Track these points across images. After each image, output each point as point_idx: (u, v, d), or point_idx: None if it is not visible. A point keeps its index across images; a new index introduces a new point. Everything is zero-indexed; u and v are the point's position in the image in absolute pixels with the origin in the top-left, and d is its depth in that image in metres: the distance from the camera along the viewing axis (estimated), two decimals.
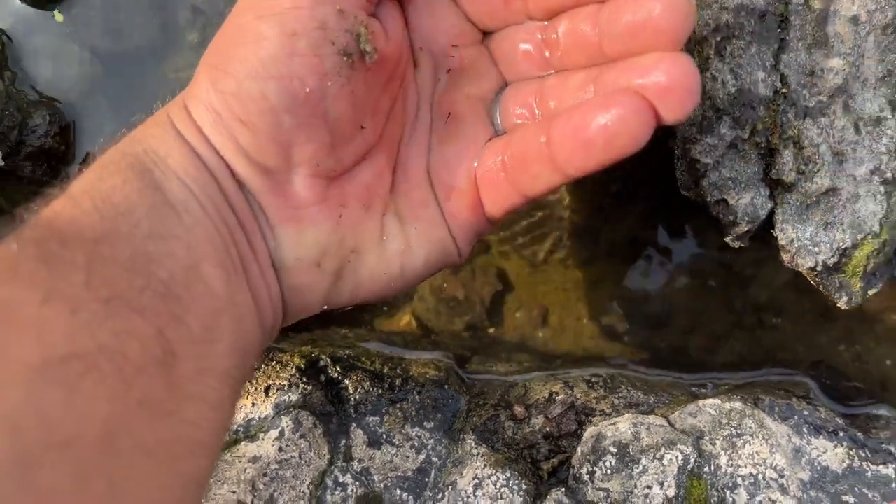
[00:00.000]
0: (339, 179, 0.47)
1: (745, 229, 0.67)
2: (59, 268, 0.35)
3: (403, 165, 0.51)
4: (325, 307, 0.49)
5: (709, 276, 0.90)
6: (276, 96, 0.41)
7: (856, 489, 0.73)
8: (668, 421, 0.72)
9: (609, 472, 0.67)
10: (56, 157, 0.78)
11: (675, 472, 0.67)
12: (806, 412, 0.75)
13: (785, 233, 0.67)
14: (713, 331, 0.91)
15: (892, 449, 0.77)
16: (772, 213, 0.67)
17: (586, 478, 0.68)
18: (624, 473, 0.67)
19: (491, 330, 0.92)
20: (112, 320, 0.35)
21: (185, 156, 0.43)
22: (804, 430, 0.74)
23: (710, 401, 0.73)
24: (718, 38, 0.61)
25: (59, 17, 0.86)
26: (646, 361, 0.88)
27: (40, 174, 0.74)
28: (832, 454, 0.73)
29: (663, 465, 0.67)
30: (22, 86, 0.81)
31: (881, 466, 0.74)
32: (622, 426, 0.70)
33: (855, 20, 0.65)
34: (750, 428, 0.71)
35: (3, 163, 0.69)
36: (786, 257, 0.68)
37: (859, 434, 0.76)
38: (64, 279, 0.35)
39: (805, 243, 0.67)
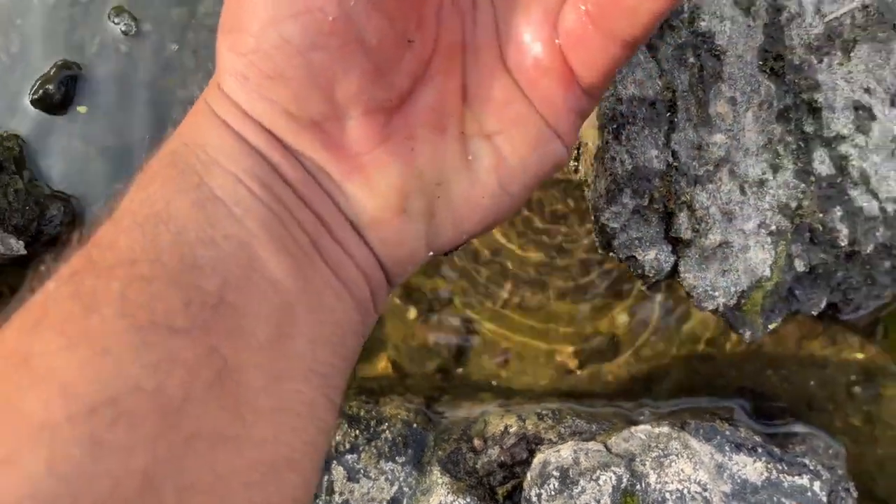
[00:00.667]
0: (399, 109, 0.40)
1: (654, 280, 0.79)
2: (92, 303, 0.32)
3: (473, 66, 0.42)
4: (434, 253, 0.43)
5: (649, 313, 1.02)
6: (298, 36, 0.35)
7: (774, 498, 0.84)
8: (606, 446, 0.83)
9: (553, 493, 0.79)
10: (70, 242, 0.91)
11: (610, 492, 0.78)
12: (728, 432, 0.86)
13: (688, 281, 0.79)
14: (655, 363, 1.02)
15: (807, 461, 0.88)
16: (676, 265, 0.80)
17: (535, 500, 0.79)
18: (565, 494, 0.78)
19: (459, 370, 1.03)
20: (148, 351, 0.32)
21: (225, 137, 0.38)
22: (726, 448, 0.85)
23: (642, 426, 0.84)
24: (615, 126, 0.73)
25: (82, 109, 0.99)
26: (592, 393, 0.99)
27: (57, 258, 0.86)
28: (752, 468, 0.84)
29: (599, 485, 0.78)
30: (38, 181, 0.93)
31: (797, 477, 0.86)
32: (564, 452, 0.81)
33: (733, 101, 0.77)
34: (676, 449, 0.82)
35: (24, 251, 0.81)
36: (692, 301, 0.80)
37: (777, 449, 0.87)
38: (95, 314, 0.32)
39: (706, 289, 0.79)
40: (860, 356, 1.02)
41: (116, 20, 1.02)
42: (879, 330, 1.00)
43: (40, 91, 0.97)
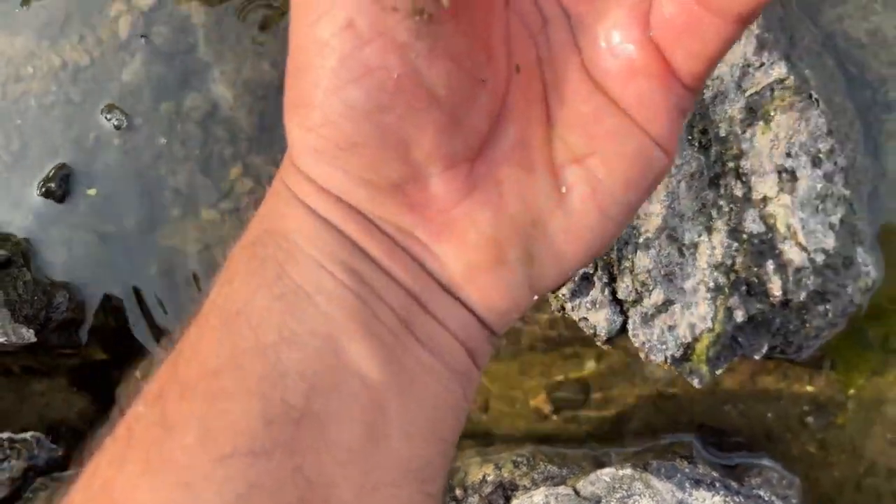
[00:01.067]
0: (480, 154, 0.38)
1: (606, 337, 0.88)
2: (175, 429, 0.32)
3: (554, 87, 0.39)
4: (538, 296, 0.41)
5: (615, 359, 1.10)
6: (363, 100, 0.34)
7: None
8: (575, 490, 0.91)
9: None
10: (76, 325, 0.99)
11: None
12: (687, 469, 0.94)
13: (637, 337, 0.87)
14: (623, 405, 1.10)
15: (763, 493, 0.96)
16: (625, 323, 0.88)
17: None
18: None
19: None
20: (229, 484, 0.31)
21: (303, 220, 0.37)
22: (686, 485, 0.93)
23: (607, 469, 0.92)
24: None
25: (91, 192, 1.08)
26: (566, 437, 1.07)
27: (64, 341, 0.94)
28: (710, 502, 0.92)
29: None
30: (44, 271, 1.02)
31: None
32: (537, 498, 0.89)
33: (668, 173, 0.87)
34: (639, 489, 0.90)
35: (35, 339, 0.89)
36: (642, 355, 0.89)
37: (734, 483, 0.94)
38: (177, 442, 0.31)
39: (654, 344, 0.87)
40: (811, 388, 1.10)
41: (108, 116, 1.11)
42: (826, 363, 1.09)
43: (43, 188, 1.06)
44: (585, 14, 0.39)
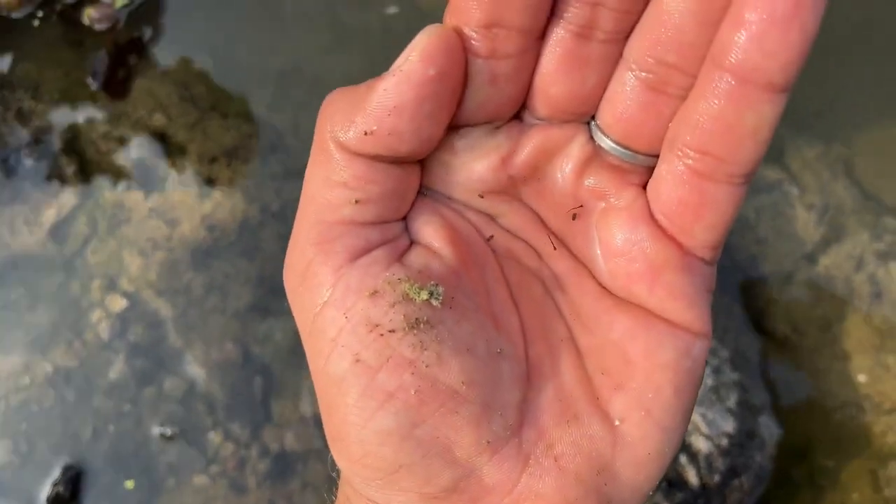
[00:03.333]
0: (525, 422, 0.36)
1: None
2: None
3: (576, 322, 0.38)
4: None
5: None
6: (393, 423, 0.33)
7: None
8: None
9: None
10: None
11: None
12: None
13: None
14: None
15: None
16: None
17: None
18: None
19: None
20: None
21: None
22: None
23: None
24: None
25: (129, 484, 1.22)
26: None
27: None
28: None
29: None
30: None
31: None
32: None
33: None
34: None
35: None
36: None
37: None
38: None
39: None
40: None
41: (108, 402, 1.26)
42: None
43: (53, 493, 1.20)
44: (582, 237, 0.37)
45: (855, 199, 1.35)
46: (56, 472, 1.23)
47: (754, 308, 1.27)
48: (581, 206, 0.37)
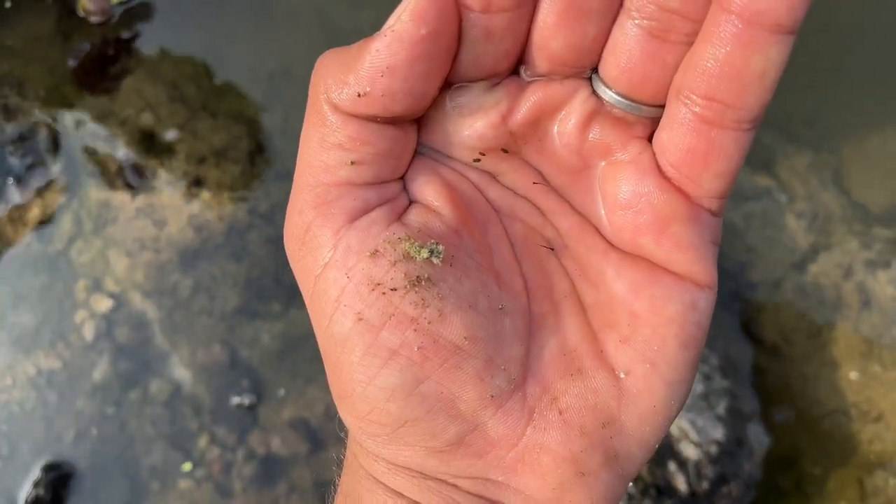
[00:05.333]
0: (529, 377, 0.36)
1: None
2: None
3: (580, 278, 0.38)
4: (633, 478, 0.39)
5: None
6: (398, 381, 0.34)
7: None
8: None
9: None
10: None
11: None
12: None
13: None
14: None
15: None
16: None
17: None
18: None
19: None
20: None
21: (381, 498, 0.37)
22: None
23: None
24: None
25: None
26: None
27: None
28: None
29: None
30: None
31: None
32: None
33: None
34: None
35: None
36: None
37: None
38: None
39: None
40: None
41: (91, 404, 1.24)
42: None
43: (34, 494, 1.18)
44: (584, 192, 0.37)
45: (843, 208, 1.35)
46: (37, 474, 1.21)
47: (744, 315, 1.27)
48: (586, 162, 0.36)
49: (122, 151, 1.36)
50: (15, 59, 1.43)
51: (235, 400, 1.24)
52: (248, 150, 1.36)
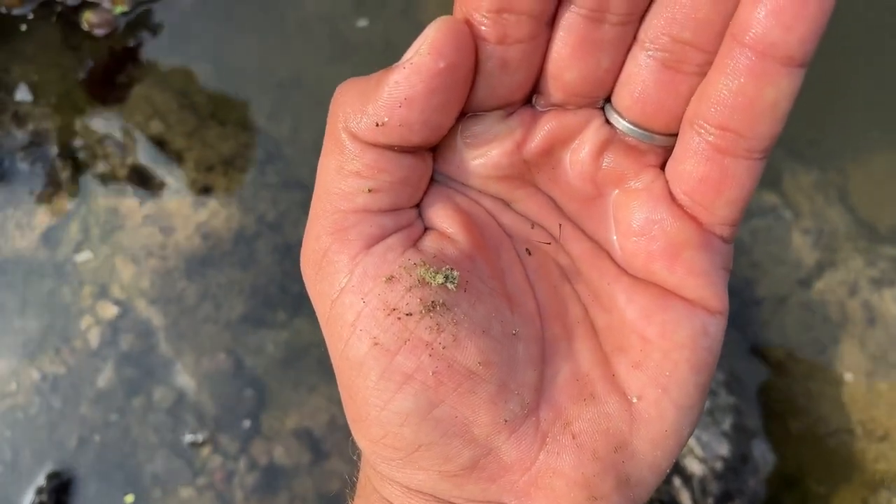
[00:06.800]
0: (542, 402, 0.36)
1: None
2: None
3: (593, 303, 0.38)
4: (644, 502, 0.40)
5: None
6: (412, 404, 0.34)
7: None
8: None
9: None
10: None
11: None
12: None
13: None
14: None
15: None
16: None
17: None
18: None
19: None
20: None
21: None
22: None
23: None
24: None
25: (129, 499, 1.20)
26: None
27: None
28: None
29: None
30: None
31: None
32: None
33: None
34: None
35: None
36: None
37: None
38: None
39: None
40: None
41: (95, 410, 1.24)
42: None
43: (37, 501, 1.18)
44: (597, 219, 0.38)
45: (849, 226, 1.36)
46: (40, 481, 1.21)
47: (749, 331, 1.27)
48: (599, 190, 0.37)
49: (130, 158, 1.36)
50: (26, 66, 1.44)
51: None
52: (257, 159, 1.36)
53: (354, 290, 0.34)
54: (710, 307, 0.36)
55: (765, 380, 1.24)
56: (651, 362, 0.36)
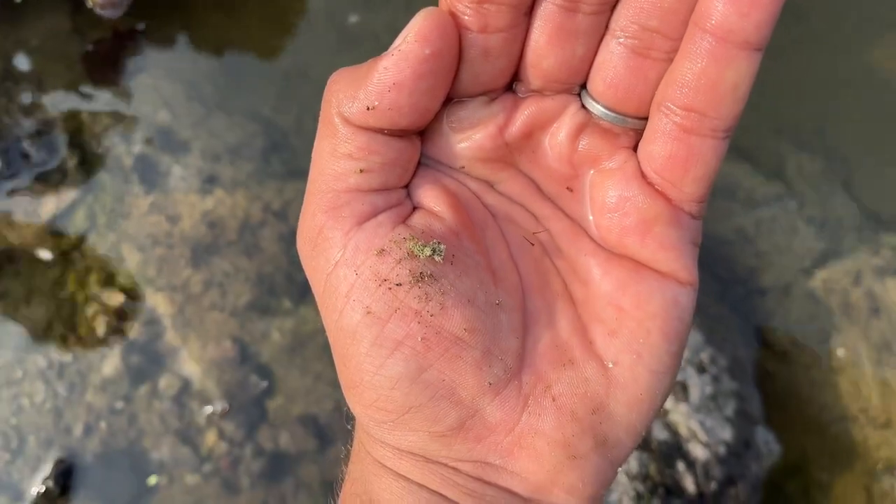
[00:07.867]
0: (524, 367, 0.39)
1: None
2: None
3: (572, 273, 0.41)
4: (622, 464, 0.42)
5: None
6: (403, 369, 0.36)
7: None
8: None
9: None
10: None
11: None
12: None
13: None
14: None
15: None
16: None
17: None
18: None
19: None
20: None
21: (387, 482, 0.40)
22: None
23: None
24: None
25: (153, 480, 1.21)
26: None
27: None
28: None
29: None
30: None
31: None
32: None
33: None
34: None
35: None
36: None
37: None
38: None
39: None
40: None
41: (101, 397, 1.25)
42: None
43: (43, 488, 1.19)
44: (574, 200, 0.41)
45: (853, 215, 1.36)
46: (46, 468, 1.22)
47: (753, 319, 1.27)
48: (576, 170, 0.39)
49: (137, 147, 1.37)
50: (34, 55, 1.44)
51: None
52: (263, 148, 1.37)
53: (348, 262, 0.36)
54: (680, 279, 0.39)
55: (768, 367, 1.24)
56: (626, 330, 0.39)
